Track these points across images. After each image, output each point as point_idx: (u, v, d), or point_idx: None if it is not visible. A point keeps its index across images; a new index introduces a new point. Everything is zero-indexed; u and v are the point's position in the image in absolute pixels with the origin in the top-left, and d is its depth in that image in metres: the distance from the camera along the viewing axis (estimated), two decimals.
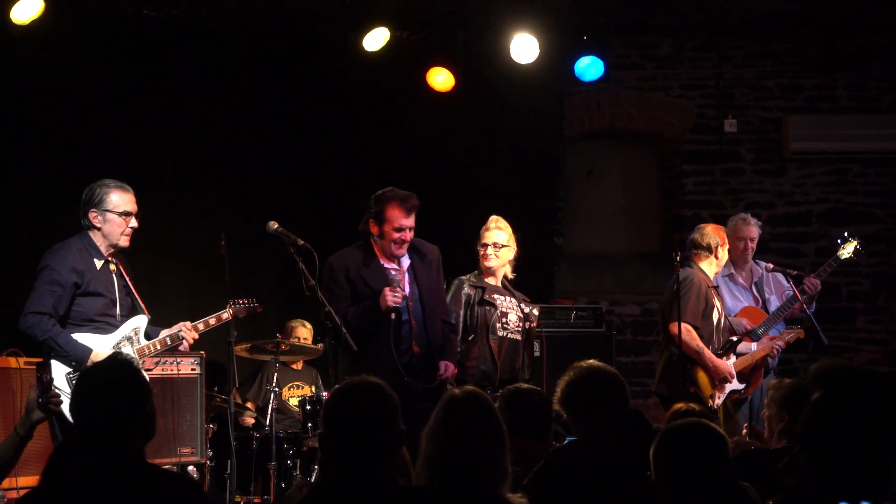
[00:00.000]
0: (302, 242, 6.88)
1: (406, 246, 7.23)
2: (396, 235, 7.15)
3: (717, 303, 8.40)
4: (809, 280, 8.84)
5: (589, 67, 10.08)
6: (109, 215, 6.69)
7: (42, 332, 6.45)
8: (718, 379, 8.32)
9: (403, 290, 7.11)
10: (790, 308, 8.82)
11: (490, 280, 8.00)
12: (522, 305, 7.98)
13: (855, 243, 9.04)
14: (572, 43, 10.06)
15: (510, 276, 8.08)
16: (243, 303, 7.25)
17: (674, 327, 8.16)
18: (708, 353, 8.25)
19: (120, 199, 6.72)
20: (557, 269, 10.72)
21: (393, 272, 7.21)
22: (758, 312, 8.89)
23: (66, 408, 5.91)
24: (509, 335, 7.90)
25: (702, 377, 8.32)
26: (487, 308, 7.82)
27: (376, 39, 9.44)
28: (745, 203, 10.94)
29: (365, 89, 9.84)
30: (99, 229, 6.71)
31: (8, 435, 4.92)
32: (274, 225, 7.00)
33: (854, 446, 3.24)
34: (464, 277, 8.04)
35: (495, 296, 7.90)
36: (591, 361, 4.89)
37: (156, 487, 3.63)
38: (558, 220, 10.79)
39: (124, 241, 6.76)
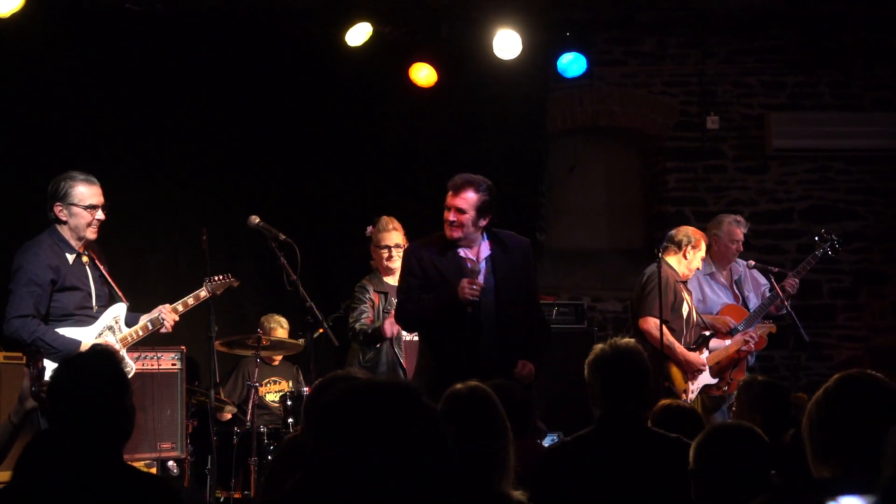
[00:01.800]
0: (283, 237, 6.87)
1: (459, 229, 6.65)
2: (445, 215, 6.68)
3: (686, 297, 8.41)
4: (789, 280, 8.85)
5: (571, 64, 10.09)
6: (75, 209, 6.62)
7: (29, 334, 6.41)
8: (691, 372, 8.34)
9: (481, 283, 6.58)
10: (771, 305, 8.85)
11: (390, 280, 7.93)
12: None
13: (832, 240, 9.06)
14: (555, 39, 10.07)
15: None
16: (219, 279, 7.16)
17: (643, 323, 8.23)
18: (679, 346, 8.25)
19: (85, 192, 6.64)
20: (539, 265, 10.70)
21: (469, 263, 6.70)
22: (739, 310, 8.91)
23: None
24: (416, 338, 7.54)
25: (674, 372, 8.35)
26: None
27: (359, 34, 9.44)
28: (727, 200, 10.96)
29: (347, 84, 9.83)
30: (65, 223, 6.64)
31: (1, 424, 4.91)
32: (255, 219, 6.98)
33: (845, 443, 3.27)
34: (366, 281, 8.02)
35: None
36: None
37: (131, 488, 3.61)
38: (541, 216, 10.78)
39: (91, 234, 6.69)
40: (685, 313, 8.35)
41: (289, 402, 8.10)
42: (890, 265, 11.07)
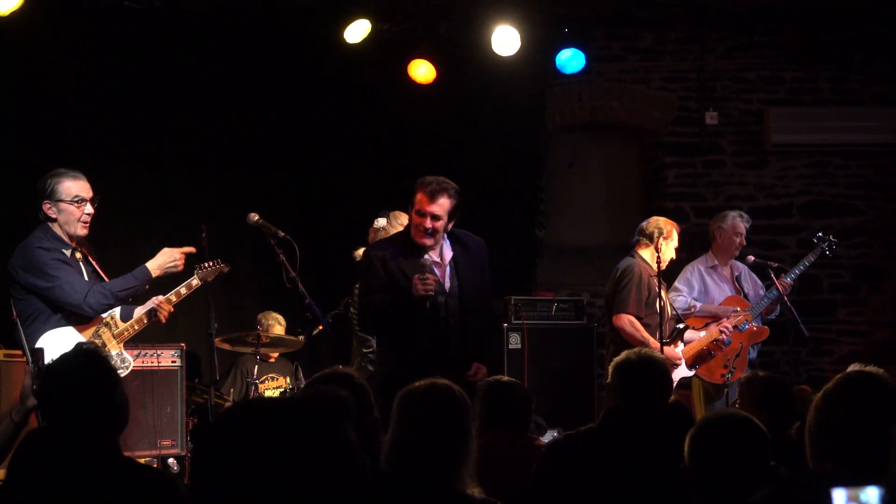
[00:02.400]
0: (283, 234, 6.85)
1: (432, 237, 6.57)
2: (418, 221, 6.56)
3: (661, 291, 8.40)
4: (784, 280, 8.89)
5: (570, 60, 10.09)
6: (63, 205, 6.57)
7: (106, 297, 6.51)
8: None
9: (436, 276, 6.50)
10: (771, 299, 8.88)
11: None
12: None
13: (830, 241, 9.12)
14: (554, 35, 10.07)
15: None
16: (209, 265, 7.10)
17: (617, 320, 8.27)
18: (654, 342, 8.15)
19: (72, 186, 6.59)
20: (539, 261, 10.72)
21: (429, 260, 6.62)
22: (742, 302, 8.97)
23: None
24: None
25: None
26: None
27: (358, 31, 9.44)
28: (726, 195, 10.97)
29: (346, 81, 9.83)
30: (55, 220, 6.60)
31: (3, 422, 4.92)
32: (255, 217, 6.97)
33: (851, 437, 3.28)
34: None
35: None
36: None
37: (129, 480, 3.62)
38: (540, 213, 10.78)
39: (82, 230, 6.63)
40: (659, 307, 8.33)
41: None
42: (890, 260, 11.07)
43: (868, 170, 11.08)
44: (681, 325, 8.47)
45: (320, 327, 7.21)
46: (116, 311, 6.75)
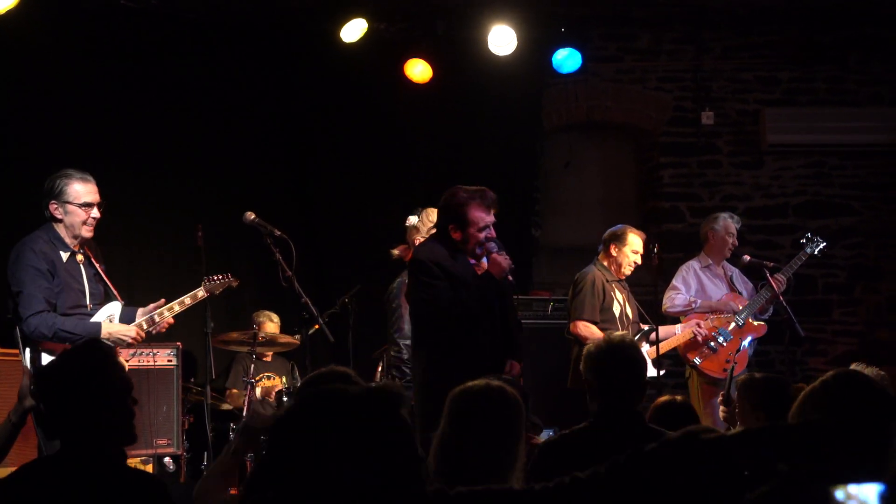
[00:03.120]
0: (279, 233, 6.85)
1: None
2: (482, 235, 6.62)
3: (616, 296, 8.45)
4: (777, 276, 8.95)
5: (567, 59, 10.11)
6: (70, 206, 6.57)
7: (48, 328, 6.36)
8: None
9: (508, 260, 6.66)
10: (766, 297, 8.94)
11: None
12: None
13: (818, 242, 9.19)
14: (550, 35, 10.08)
15: None
16: (217, 279, 7.12)
17: (573, 328, 8.33)
18: None
19: (81, 190, 6.59)
20: (535, 261, 10.72)
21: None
22: (739, 299, 9.05)
23: None
24: None
25: None
26: None
27: (354, 30, 9.45)
28: (722, 195, 10.98)
29: (343, 80, 9.84)
30: (61, 221, 6.59)
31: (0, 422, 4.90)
32: (251, 216, 6.97)
33: (846, 432, 3.30)
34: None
35: None
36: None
37: (118, 484, 3.61)
38: (536, 212, 10.79)
39: (87, 232, 6.64)
40: (617, 312, 8.39)
41: (284, 399, 8.11)
42: (885, 260, 11.08)
43: (864, 170, 11.09)
44: (646, 327, 8.47)
45: (316, 326, 7.20)
46: (116, 314, 6.72)
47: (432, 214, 7.68)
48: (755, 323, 9.00)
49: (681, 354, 8.96)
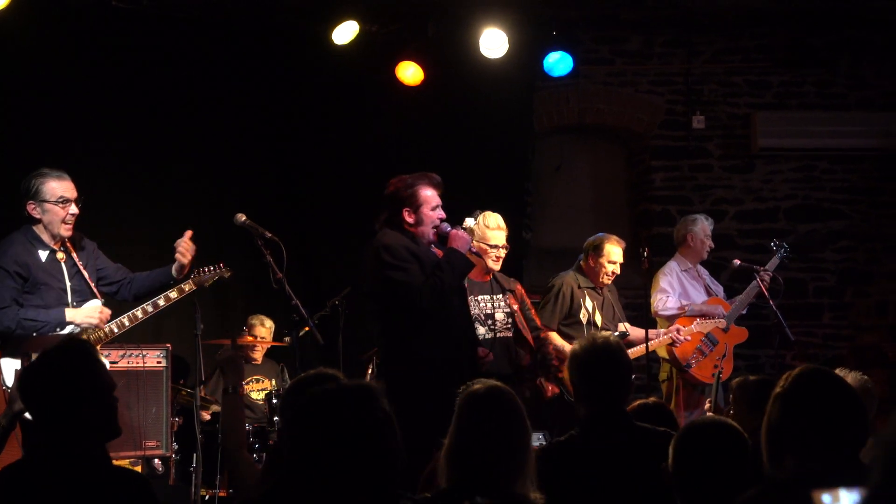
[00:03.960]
0: (269, 235, 6.84)
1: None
2: (434, 216, 6.83)
3: (586, 303, 8.49)
4: (762, 275, 9.05)
5: (558, 63, 10.11)
6: (47, 205, 6.55)
7: (12, 320, 6.36)
8: None
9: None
10: (750, 300, 9.04)
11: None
12: (503, 300, 7.88)
13: (784, 248, 9.27)
14: (541, 38, 10.09)
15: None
16: (207, 270, 7.10)
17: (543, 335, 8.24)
18: None
19: (57, 187, 6.58)
20: (525, 264, 10.71)
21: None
22: (724, 304, 9.09)
23: None
24: (498, 335, 7.73)
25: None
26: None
27: (346, 32, 9.44)
28: (712, 199, 10.99)
29: (334, 82, 9.83)
30: (39, 220, 6.58)
31: None
32: (242, 217, 6.95)
33: (828, 435, 3.31)
34: None
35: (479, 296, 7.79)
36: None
37: (104, 482, 3.61)
38: (527, 215, 10.78)
39: (66, 231, 6.61)
40: (584, 318, 8.43)
41: (273, 401, 8.10)
42: (874, 264, 11.10)
43: (854, 174, 11.11)
44: (618, 332, 8.43)
45: (306, 329, 7.19)
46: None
47: (489, 218, 7.84)
48: (738, 327, 9.08)
49: (677, 358, 8.92)
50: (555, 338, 8.26)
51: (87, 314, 6.57)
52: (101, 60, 9.11)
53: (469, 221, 7.75)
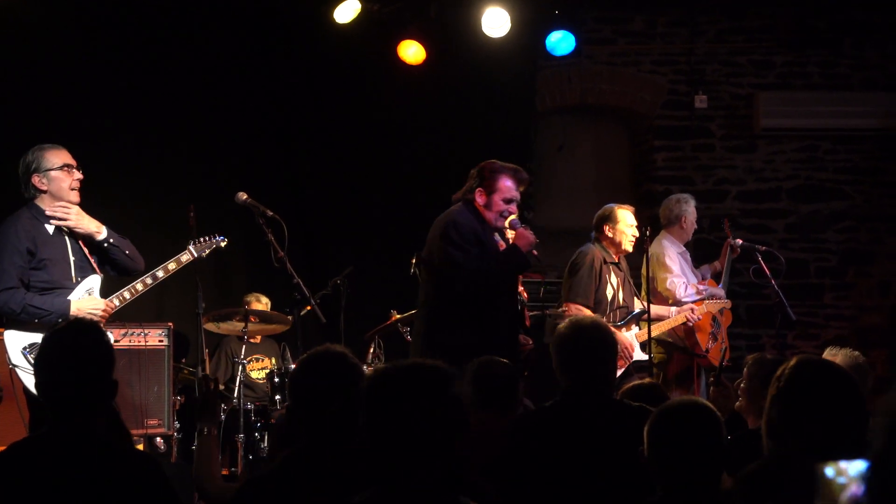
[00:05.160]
0: (271, 214, 6.84)
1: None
2: (504, 207, 6.91)
3: (612, 279, 8.31)
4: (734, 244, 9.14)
5: (560, 42, 10.08)
6: (52, 173, 6.48)
7: (17, 303, 6.32)
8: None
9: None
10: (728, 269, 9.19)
11: None
12: None
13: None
14: (544, 17, 10.06)
15: None
16: (204, 241, 7.09)
17: (567, 308, 8.18)
18: None
19: (58, 155, 6.53)
20: None
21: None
22: (713, 284, 9.11)
23: (28, 382, 5.87)
24: None
25: None
26: None
27: (347, 11, 9.41)
28: (715, 179, 10.99)
29: (335, 61, 9.81)
30: (46, 192, 6.52)
31: None
32: (243, 196, 6.96)
33: (830, 409, 3.32)
34: None
35: None
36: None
37: (113, 462, 3.61)
38: (529, 195, 10.75)
39: (74, 196, 6.54)
40: (609, 295, 8.27)
41: (275, 380, 8.11)
42: (877, 244, 11.09)
43: (856, 155, 11.10)
44: (636, 311, 8.38)
45: (308, 308, 7.20)
46: (95, 288, 6.60)
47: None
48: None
49: (687, 342, 8.82)
50: (588, 314, 8.06)
51: (91, 308, 6.55)
52: (99, 41, 9.10)
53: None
